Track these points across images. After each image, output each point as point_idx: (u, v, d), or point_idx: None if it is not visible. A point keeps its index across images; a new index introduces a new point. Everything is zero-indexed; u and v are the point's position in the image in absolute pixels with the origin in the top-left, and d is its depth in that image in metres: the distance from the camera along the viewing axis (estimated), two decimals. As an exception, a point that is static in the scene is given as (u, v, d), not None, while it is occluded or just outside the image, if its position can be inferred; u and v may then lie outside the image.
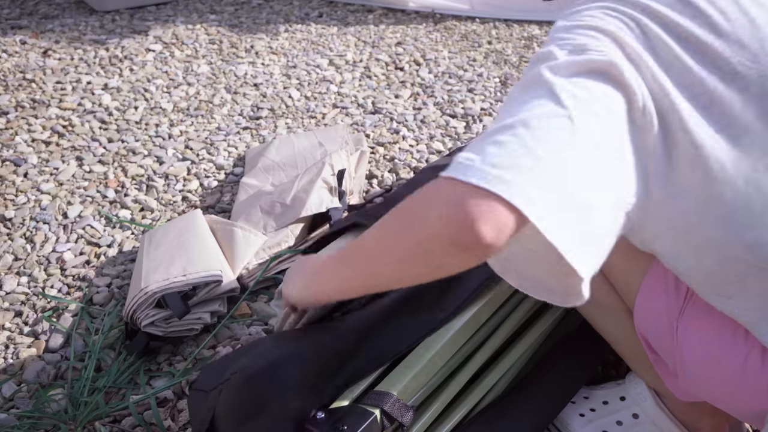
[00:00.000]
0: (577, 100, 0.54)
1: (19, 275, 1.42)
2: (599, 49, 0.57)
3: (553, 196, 0.50)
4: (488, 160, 0.50)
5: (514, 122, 0.52)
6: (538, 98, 0.53)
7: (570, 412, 1.02)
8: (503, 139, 0.51)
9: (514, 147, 0.50)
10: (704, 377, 0.76)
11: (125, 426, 1.09)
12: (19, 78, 2.26)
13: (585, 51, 0.57)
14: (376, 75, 2.33)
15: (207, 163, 1.81)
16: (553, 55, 0.58)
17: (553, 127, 0.52)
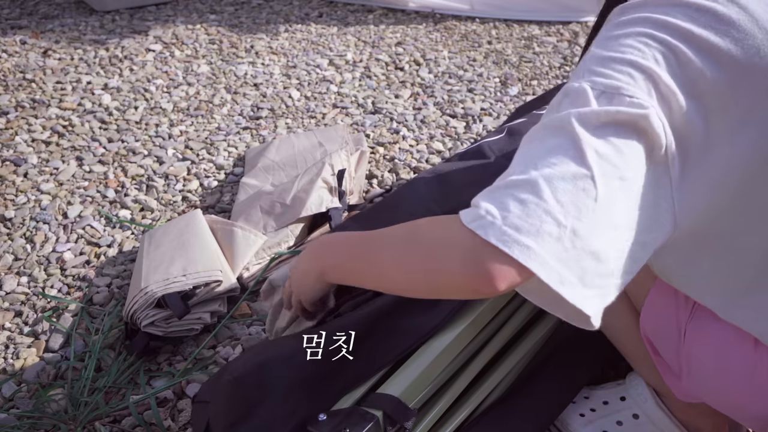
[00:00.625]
0: (601, 160, 0.53)
1: (19, 275, 1.42)
2: (632, 95, 0.56)
3: (570, 259, 0.51)
4: (509, 220, 0.51)
5: (537, 179, 0.52)
6: (563, 152, 0.54)
7: (570, 412, 1.02)
8: (525, 198, 0.52)
9: (534, 210, 0.51)
10: (709, 381, 0.76)
11: (125, 426, 1.09)
12: (19, 78, 2.26)
13: (617, 96, 0.56)
14: (376, 75, 2.33)
15: (207, 163, 1.81)
16: (585, 97, 0.56)
17: (576, 190, 0.52)
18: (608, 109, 0.55)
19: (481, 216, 0.53)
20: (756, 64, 0.59)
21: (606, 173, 0.53)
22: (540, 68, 2.40)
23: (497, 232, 0.51)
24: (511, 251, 0.50)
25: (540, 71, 2.38)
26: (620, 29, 0.61)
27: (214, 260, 1.30)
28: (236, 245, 1.36)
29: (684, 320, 0.76)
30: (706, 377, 0.76)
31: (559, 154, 0.53)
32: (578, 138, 0.54)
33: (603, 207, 0.52)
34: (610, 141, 0.54)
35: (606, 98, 0.56)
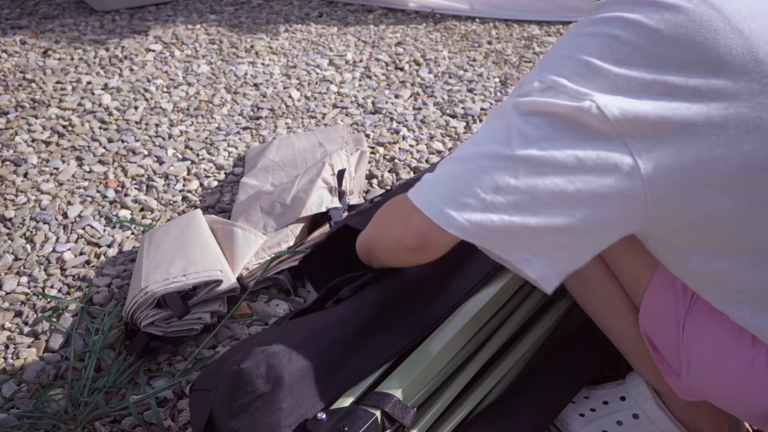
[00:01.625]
0: (527, 143, 0.61)
1: (19, 275, 1.42)
2: (574, 91, 0.61)
3: (486, 228, 0.61)
4: (438, 191, 0.64)
5: (471, 156, 0.64)
6: (496, 134, 0.63)
7: (570, 412, 1.02)
8: (455, 172, 0.64)
9: (456, 183, 0.63)
10: (709, 378, 0.76)
11: (125, 426, 1.09)
12: (19, 78, 2.26)
13: (561, 93, 0.61)
14: (376, 75, 2.33)
15: (207, 163, 1.81)
16: (530, 88, 0.64)
17: (497, 168, 0.61)
18: (547, 100, 0.61)
19: (417, 187, 0.65)
20: (728, 62, 0.60)
21: (529, 156, 0.60)
22: (540, 68, 2.40)
23: (425, 201, 0.63)
24: (433, 217, 0.62)
25: (540, 71, 2.37)
26: (589, 27, 0.65)
27: (214, 260, 1.30)
28: (236, 245, 1.36)
29: (682, 315, 0.76)
30: (705, 373, 0.76)
31: (492, 135, 0.63)
32: (511, 123, 0.62)
33: (523, 186, 0.60)
34: (540, 127, 0.61)
35: (551, 93, 0.62)
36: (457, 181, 0.62)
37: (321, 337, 0.90)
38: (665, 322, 0.79)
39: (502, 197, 0.60)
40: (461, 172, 0.62)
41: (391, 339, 0.91)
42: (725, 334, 0.73)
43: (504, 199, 0.60)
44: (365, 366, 0.88)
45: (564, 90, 0.61)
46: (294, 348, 0.88)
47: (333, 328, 0.91)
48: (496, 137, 0.62)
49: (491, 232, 0.61)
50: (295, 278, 1.38)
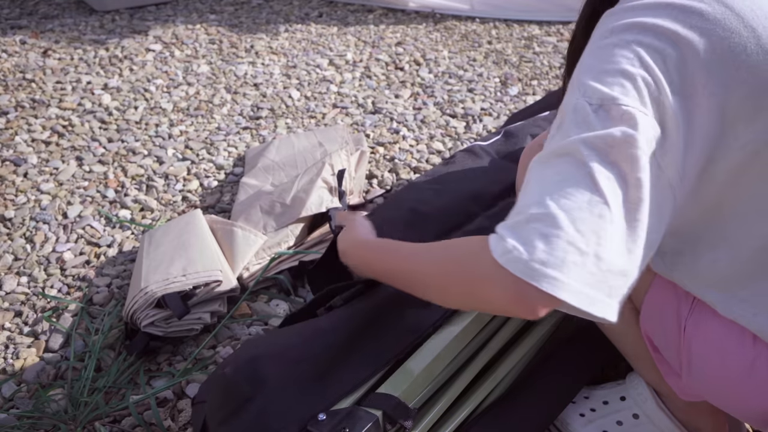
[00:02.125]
0: (611, 184, 0.56)
1: (19, 275, 1.42)
2: (626, 104, 0.58)
3: (597, 282, 0.55)
4: (536, 256, 0.54)
5: (556, 212, 0.55)
6: (576, 182, 0.56)
7: (570, 412, 1.02)
8: (547, 232, 0.55)
9: (557, 242, 0.54)
10: (709, 378, 0.76)
11: (125, 426, 1.09)
12: (19, 78, 2.26)
13: (613, 107, 0.58)
14: (376, 75, 2.33)
15: (207, 163, 1.81)
16: (585, 115, 0.59)
17: (593, 217, 0.55)
18: (610, 132, 0.57)
19: (508, 251, 0.55)
20: (743, 61, 0.61)
21: (618, 196, 0.56)
22: (540, 68, 2.40)
23: (527, 269, 0.54)
24: (540, 285, 0.53)
25: (540, 71, 2.38)
26: (610, 38, 0.63)
27: (214, 260, 1.30)
28: (236, 245, 1.36)
29: (684, 316, 0.76)
30: (706, 373, 0.76)
31: (573, 184, 0.56)
32: (588, 166, 0.56)
33: (620, 228, 0.55)
34: (616, 164, 0.56)
35: (603, 112, 0.58)
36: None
37: (311, 342, 0.90)
38: (666, 323, 0.79)
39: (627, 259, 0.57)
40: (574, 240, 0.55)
41: (385, 344, 0.90)
42: (727, 334, 0.73)
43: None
44: (359, 371, 0.87)
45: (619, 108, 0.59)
46: (281, 352, 0.88)
47: (324, 334, 0.90)
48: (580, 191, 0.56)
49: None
50: (295, 278, 1.38)
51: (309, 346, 0.89)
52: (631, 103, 0.58)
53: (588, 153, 0.57)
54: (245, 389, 0.84)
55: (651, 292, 0.82)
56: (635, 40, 0.61)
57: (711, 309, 0.74)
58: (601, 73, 0.61)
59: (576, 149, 0.57)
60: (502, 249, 0.56)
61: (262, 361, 0.87)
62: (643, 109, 0.58)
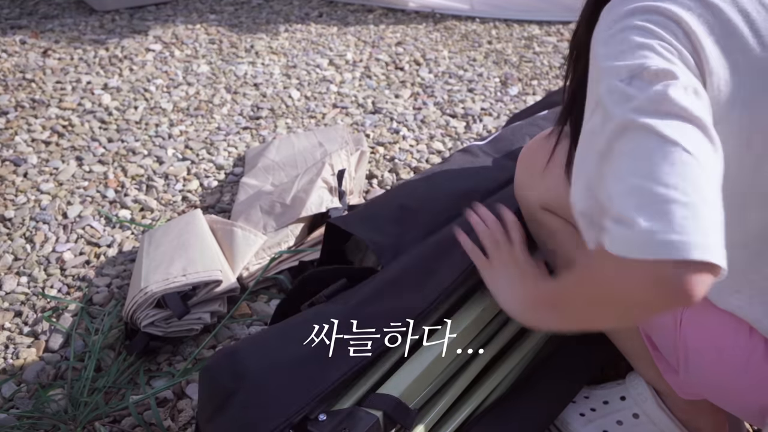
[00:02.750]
0: (679, 131, 0.55)
1: (19, 275, 1.42)
2: (655, 65, 0.59)
3: (717, 227, 0.53)
4: (673, 229, 0.50)
5: (643, 184, 0.53)
6: (647, 149, 0.55)
7: (570, 412, 1.02)
8: (648, 205, 0.52)
9: (676, 209, 0.51)
10: (706, 374, 0.76)
11: (125, 426, 1.09)
12: (19, 78, 2.26)
13: (645, 71, 0.59)
14: (376, 75, 2.33)
15: (207, 163, 1.81)
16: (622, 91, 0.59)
17: (683, 168, 0.53)
18: (652, 91, 0.57)
19: (625, 238, 0.52)
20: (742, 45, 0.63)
21: (689, 136, 0.55)
22: (540, 68, 2.40)
23: (671, 248, 0.50)
24: (692, 256, 0.50)
25: (540, 71, 2.38)
26: (615, 25, 0.64)
27: (214, 260, 1.30)
28: (236, 245, 1.36)
29: (680, 311, 0.76)
30: (703, 369, 0.76)
31: (644, 153, 0.54)
32: (650, 127, 0.55)
33: (708, 167, 0.54)
34: (673, 113, 0.56)
35: (637, 81, 0.58)
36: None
37: (293, 335, 0.88)
38: (663, 318, 0.79)
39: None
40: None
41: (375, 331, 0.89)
42: (722, 329, 0.73)
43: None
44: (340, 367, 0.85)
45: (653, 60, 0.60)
46: (262, 346, 0.87)
47: (309, 327, 0.89)
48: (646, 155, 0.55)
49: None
50: (295, 278, 1.38)
51: (292, 340, 0.88)
52: (658, 62, 0.59)
53: (643, 119, 0.55)
54: (227, 383, 0.84)
55: None
56: (641, 20, 0.63)
57: (707, 303, 0.73)
58: (619, 53, 0.62)
59: (631, 122, 0.56)
60: (623, 243, 0.52)
61: (242, 354, 0.87)
62: (671, 63, 0.60)
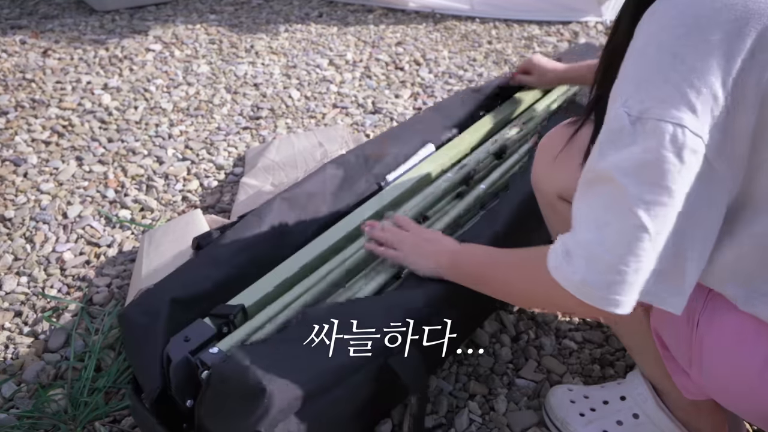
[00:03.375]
0: (649, 206, 0.62)
1: (19, 275, 1.42)
2: (662, 117, 0.60)
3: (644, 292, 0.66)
4: (594, 284, 0.66)
5: (599, 241, 0.66)
6: (615, 212, 0.65)
7: (570, 412, 1.02)
8: (592, 259, 0.66)
9: (603, 268, 0.65)
10: (720, 376, 0.75)
11: (125, 426, 1.09)
12: (19, 78, 2.26)
13: (650, 121, 0.61)
14: (376, 75, 2.33)
15: (207, 163, 1.81)
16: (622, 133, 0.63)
17: (639, 247, 0.63)
18: (642, 152, 0.61)
19: (565, 277, 0.68)
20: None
21: (656, 215, 0.62)
22: (540, 68, 2.40)
23: (598, 301, 0.66)
24: (609, 310, 0.66)
25: (540, 71, 2.38)
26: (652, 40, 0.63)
27: (214, 260, 1.30)
28: (236, 245, 1.36)
29: (697, 310, 0.76)
30: (717, 370, 0.75)
31: (612, 214, 0.64)
32: (625, 194, 0.62)
33: (657, 241, 0.63)
34: (652, 184, 0.61)
35: (640, 125, 0.61)
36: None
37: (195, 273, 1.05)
38: (677, 318, 0.79)
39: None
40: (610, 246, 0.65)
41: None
42: (742, 330, 0.72)
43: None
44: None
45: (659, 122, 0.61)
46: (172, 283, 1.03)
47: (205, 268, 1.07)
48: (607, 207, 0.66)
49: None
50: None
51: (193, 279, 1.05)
52: (668, 114, 0.60)
53: (623, 180, 0.62)
54: (139, 321, 0.98)
55: None
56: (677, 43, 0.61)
57: (725, 304, 0.73)
58: (641, 81, 0.62)
59: (611, 177, 0.63)
60: (562, 275, 0.68)
61: (150, 295, 1.03)
62: (684, 116, 0.59)
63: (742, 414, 0.81)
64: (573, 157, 0.88)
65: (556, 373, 1.15)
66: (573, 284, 0.67)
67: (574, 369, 1.16)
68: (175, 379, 0.89)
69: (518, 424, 1.06)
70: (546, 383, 1.13)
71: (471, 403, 1.09)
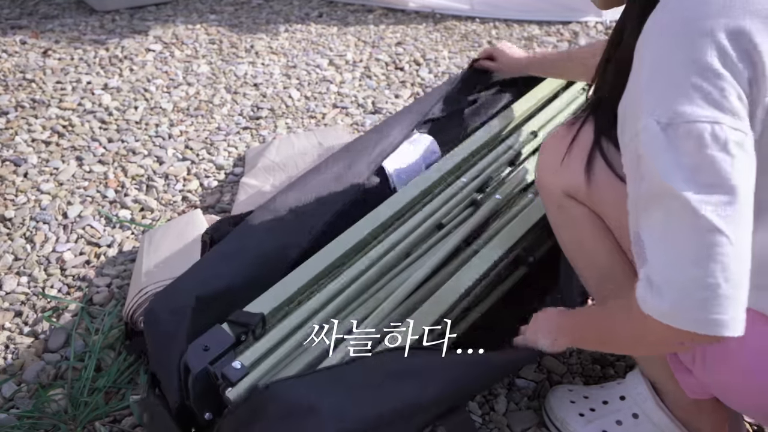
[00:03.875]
0: (713, 206, 0.59)
1: (19, 275, 1.42)
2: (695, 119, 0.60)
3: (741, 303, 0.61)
4: (697, 312, 0.60)
5: (698, 267, 0.59)
6: (683, 225, 0.60)
7: (570, 412, 1.02)
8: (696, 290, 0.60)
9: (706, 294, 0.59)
10: (724, 371, 0.75)
11: (125, 426, 1.09)
12: (19, 78, 2.26)
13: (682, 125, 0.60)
14: (376, 75, 2.33)
15: (207, 163, 1.81)
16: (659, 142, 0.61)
17: (710, 249, 0.59)
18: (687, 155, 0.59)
19: (664, 311, 0.60)
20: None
21: (724, 214, 0.58)
22: (540, 68, 2.40)
23: (698, 325, 0.59)
24: (714, 333, 0.59)
25: (540, 71, 2.38)
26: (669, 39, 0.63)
27: (214, 260, 1.30)
28: (236, 245, 1.36)
29: None
30: (721, 365, 0.75)
31: (680, 229, 0.60)
32: (686, 202, 0.59)
33: (738, 243, 0.58)
34: (708, 184, 0.59)
35: (672, 131, 0.60)
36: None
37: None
38: None
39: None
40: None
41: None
42: (749, 327, 0.72)
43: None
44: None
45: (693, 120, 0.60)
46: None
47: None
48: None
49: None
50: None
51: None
52: (699, 114, 0.59)
53: (680, 186, 0.59)
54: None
55: None
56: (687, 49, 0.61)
57: None
58: (665, 87, 0.62)
59: (668, 189, 0.60)
60: (651, 307, 0.61)
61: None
62: (713, 115, 0.59)
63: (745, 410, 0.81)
64: (576, 157, 0.89)
65: (556, 373, 1.15)
66: (664, 314, 0.60)
67: (575, 369, 1.16)
68: (194, 391, 0.86)
69: (518, 425, 1.06)
70: (546, 383, 1.13)
71: (471, 403, 1.09)
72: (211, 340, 0.89)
